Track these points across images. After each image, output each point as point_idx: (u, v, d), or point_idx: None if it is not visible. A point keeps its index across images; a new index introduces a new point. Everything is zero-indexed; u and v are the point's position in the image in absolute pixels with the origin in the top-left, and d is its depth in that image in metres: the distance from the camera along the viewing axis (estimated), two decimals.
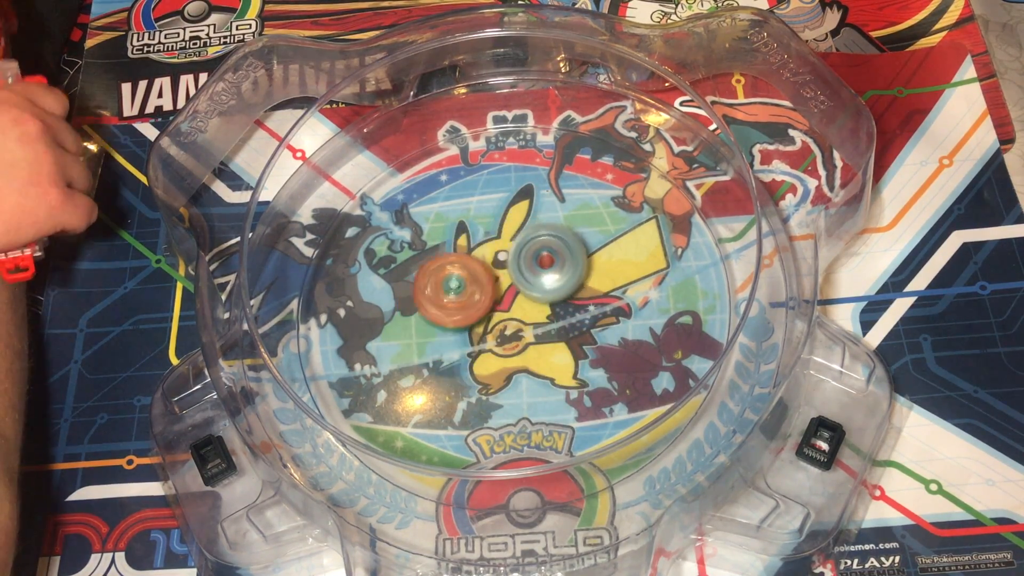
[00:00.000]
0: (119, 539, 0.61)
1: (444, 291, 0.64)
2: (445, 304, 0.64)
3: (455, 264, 0.65)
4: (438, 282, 0.64)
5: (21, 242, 0.60)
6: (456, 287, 0.64)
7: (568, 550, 0.59)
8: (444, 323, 0.64)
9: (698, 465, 0.61)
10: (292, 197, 0.72)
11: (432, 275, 0.65)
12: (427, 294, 0.64)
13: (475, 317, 0.64)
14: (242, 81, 0.72)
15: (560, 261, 0.65)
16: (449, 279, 0.64)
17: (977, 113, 0.71)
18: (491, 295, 0.65)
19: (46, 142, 0.60)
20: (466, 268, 0.65)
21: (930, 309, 0.64)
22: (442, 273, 0.65)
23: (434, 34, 0.71)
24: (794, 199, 0.69)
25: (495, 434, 0.63)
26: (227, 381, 0.63)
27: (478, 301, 0.64)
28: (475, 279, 0.65)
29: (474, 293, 0.64)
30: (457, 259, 0.65)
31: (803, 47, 0.69)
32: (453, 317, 0.64)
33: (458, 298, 0.64)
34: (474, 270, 0.65)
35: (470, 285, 0.64)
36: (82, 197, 0.63)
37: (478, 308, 0.64)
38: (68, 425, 0.65)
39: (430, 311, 0.64)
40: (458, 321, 0.64)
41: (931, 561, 0.57)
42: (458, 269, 0.65)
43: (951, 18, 0.76)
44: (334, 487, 0.62)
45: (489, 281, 0.65)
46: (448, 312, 0.64)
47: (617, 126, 0.73)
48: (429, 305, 0.64)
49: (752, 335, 0.64)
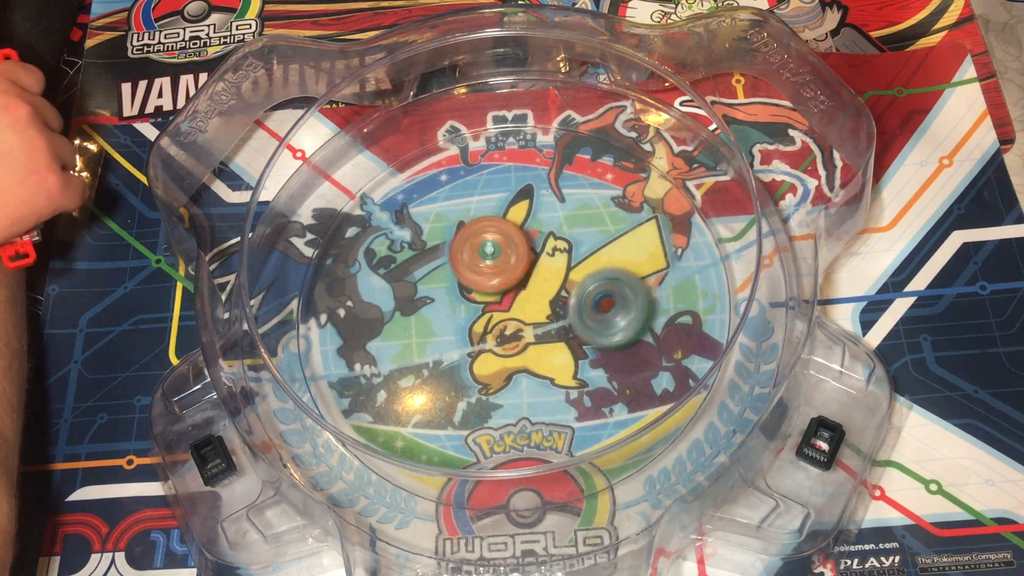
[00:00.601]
0: (119, 539, 0.61)
1: (480, 256, 0.65)
2: (482, 270, 0.65)
3: (491, 229, 0.65)
4: (475, 247, 0.65)
5: (23, 230, 0.60)
6: (492, 252, 0.65)
7: (568, 550, 0.59)
8: (484, 288, 0.65)
9: (698, 465, 0.61)
10: (292, 197, 0.72)
11: (470, 240, 0.65)
12: (464, 259, 0.65)
13: (514, 280, 0.65)
14: (242, 81, 0.72)
15: (621, 302, 0.64)
16: (485, 244, 0.65)
17: (977, 113, 0.71)
18: (527, 257, 0.65)
19: (37, 126, 0.60)
20: (501, 232, 0.65)
21: (930, 309, 0.64)
22: (479, 238, 0.65)
23: (434, 34, 0.71)
24: (794, 199, 0.69)
25: (495, 434, 0.63)
26: (227, 381, 0.63)
27: (514, 264, 0.65)
28: (510, 241, 0.65)
29: (510, 256, 0.65)
30: (492, 222, 0.66)
31: (803, 47, 0.69)
32: (491, 282, 0.65)
33: (495, 262, 0.65)
34: (508, 233, 0.65)
35: (505, 248, 0.65)
36: (75, 178, 0.63)
37: (515, 270, 0.65)
38: (68, 425, 0.65)
39: (467, 276, 0.65)
40: (496, 285, 0.65)
41: (931, 561, 0.57)
42: (493, 234, 0.65)
43: (951, 18, 0.76)
44: (334, 487, 0.62)
45: (523, 242, 0.65)
46: (485, 276, 0.65)
47: (617, 126, 0.73)
48: (467, 271, 0.65)
49: (752, 335, 0.64)
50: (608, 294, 0.64)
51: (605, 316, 0.64)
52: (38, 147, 0.59)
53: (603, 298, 0.64)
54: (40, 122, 0.60)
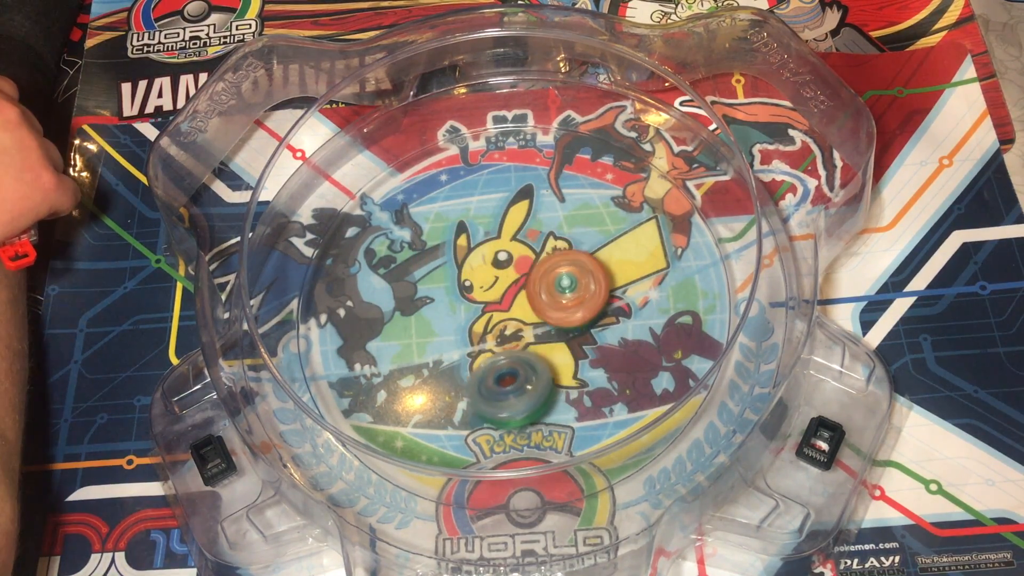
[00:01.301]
0: (119, 539, 0.61)
1: (558, 291, 0.64)
2: (564, 305, 0.63)
3: (562, 263, 0.64)
4: (550, 284, 0.64)
5: (20, 229, 0.61)
6: (569, 284, 0.64)
7: (568, 550, 0.59)
8: (570, 323, 0.64)
9: (698, 465, 0.61)
10: (292, 197, 0.72)
11: (543, 279, 0.64)
12: (544, 300, 0.63)
13: (598, 307, 0.64)
14: (242, 81, 0.72)
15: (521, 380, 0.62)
16: (560, 279, 0.64)
17: (977, 113, 0.71)
18: (605, 283, 0.64)
19: (27, 126, 0.60)
20: (574, 263, 0.64)
21: (930, 309, 0.64)
22: (552, 275, 0.64)
23: (434, 34, 0.71)
24: (794, 199, 0.69)
25: (495, 434, 0.63)
26: (227, 381, 0.63)
27: (595, 291, 0.63)
28: (584, 271, 0.64)
29: (588, 284, 0.64)
30: (562, 258, 0.65)
31: (803, 47, 0.69)
32: (575, 316, 0.63)
33: (575, 295, 0.64)
34: (581, 262, 0.64)
35: (582, 279, 0.64)
36: (67, 178, 0.63)
37: (597, 298, 0.63)
38: (68, 425, 0.65)
39: (552, 316, 0.63)
40: (580, 318, 0.63)
41: (931, 561, 0.57)
42: (566, 267, 0.64)
43: (951, 18, 0.76)
44: (334, 487, 0.62)
45: (599, 269, 0.64)
46: (569, 312, 0.63)
47: (617, 126, 0.73)
48: (550, 311, 0.63)
49: (752, 335, 0.64)
50: (512, 372, 0.62)
51: (502, 391, 0.62)
52: (30, 146, 0.60)
53: (506, 375, 0.62)
54: (29, 123, 0.61)
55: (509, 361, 0.63)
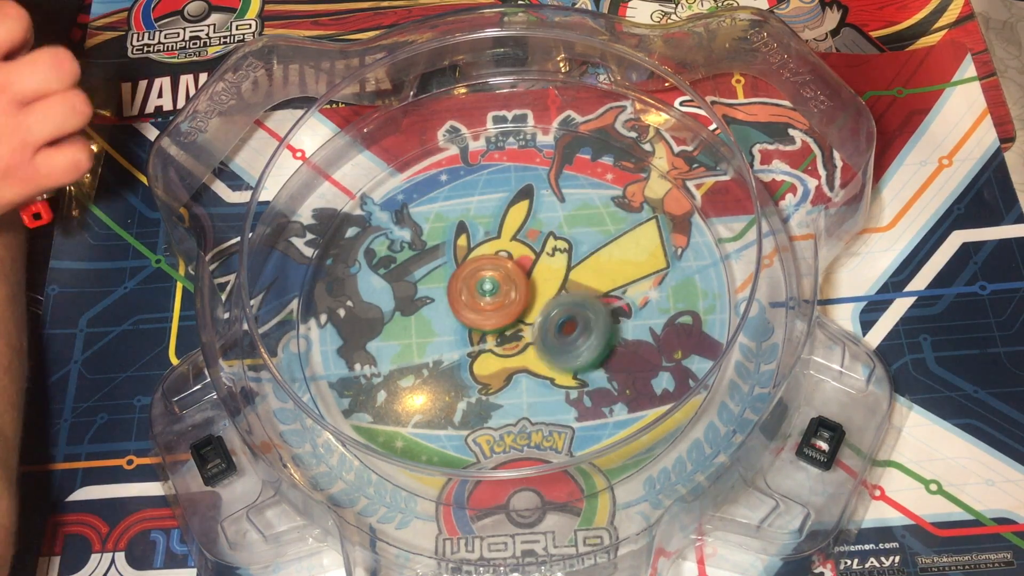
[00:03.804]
0: (119, 539, 0.61)
1: (479, 294, 0.64)
2: (482, 308, 0.64)
3: (487, 267, 0.65)
4: (472, 287, 0.64)
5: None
6: (490, 289, 0.64)
7: (568, 550, 0.59)
8: (483, 326, 0.65)
9: (698, 465, 0.61)
10: (292, 197, 0.72)
11: (466, 280, 0.65)
12: (463, 300, 0.64)
13: (514, 315, 0.64)
14: (242, 81, 0.72)
15: (583, 326, 0.63)
16: (483, 282, 0.64)
17: (977, 112, 0.71)
18: (526, 292, 0.64)
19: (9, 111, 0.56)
20: (499, 269, 0.65)
21: (930, 309, 0.64)
22: (475, 277, 0.65)
23: (434, 34, 0.71)
24: (794, 199, 0.69)
25: (495, 434, 0.63)
26: (227, 381, 0.63)
27: (514, 300, 0.64)
28: (509, 279, 0.65)
29: (509, 292, 0.64)
30: (488, 262, 0.66)
31: (803, 47, 0.69)
32: (490, 320, 0.64)
33: (494, 299, 0.64)
34: (507, 269, 0.65)
35: (504, 285, 0.64)
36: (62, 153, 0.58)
37: (515, 306, 0.64)
38: (68, 425, 0.65)
39: (467, 316, 0.64)
40: (495, 323, 0.64)
41: (931, 561, 0.57)
42: (491, 271, 0.65)
43: (951, 16, 0.76)
44: (334, 487, 0.62)
45: (522, 279, 0.65)
46: (485, 315, 0.64)
47: (617, 126, 0.73)
48: (466, 311, 0.64)
49: (752, 335, 0.64)
50: (570, 318, 0.63)
51: (567, 339, 0.63)
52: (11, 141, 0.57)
53: (566, 322, 0.63)
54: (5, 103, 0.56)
55: (561, 310, 0.64)
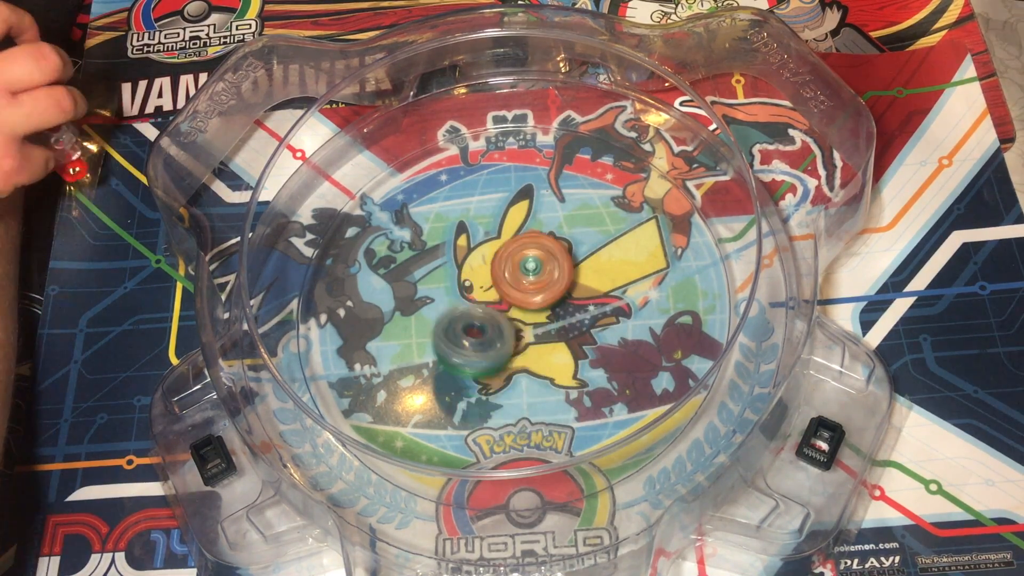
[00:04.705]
0: (119, 539, 0.61)
1: (523, 273, 0.64)
2: (526, 287, 0.64)
3: (530, 246, 0.64)
4: (515, 266, 0.64)
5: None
6: (534, 268, 0.64)
7: (568, 550, 0.59)
8: (528, 305, 0.64)
9: (698, 465, 0.61)
10: (292, 197, 0.72)
11: (509, 259, 0.64)
12: (507, 279, 0.64)
13: (559, 293, 0.64)
14: (242, 81, 0.72)
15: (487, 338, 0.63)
16: (526, 261, 0.64)
17: (977, 112, 0.71)
18: (569, 270, 0.64)
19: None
20: (541, 247, 0.64)
21: (930, 309, 0.64)
22: (518, 256, 0.64)
23: (434, 34, 0.71)
24: (794, 199, 0.69)
25: (495, 434, 0.63)
26: (227, 381, 0.63)
27: (558, 278, 0.64)
28: (552, 256, 0.64)
29: (553, 270, 0.64)
30: (530, 239, 0.65)
31: (803, 47, 0.69)
32: (535, 298, 0.64)
33: (538, 278, 0.64)
34: (549, 248, 0.64)
35: (547, 263, 0.64)
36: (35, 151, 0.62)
37: (560, 283, 0.64)
38: (68, 425, 0.65)
39: (512, 295, 0.64)
40: (542, 301, 0.64)
41: (931, 561, 0.57)
42: (534, 250, 0.64)
43: (951, 17, 0.76)
44: (334, 487, 0.62)
45: (565, 256, 0.64)
46: (530, 294, 0.64)
47: (617, 126, 0.73)
48: (510, 289, 0.64)
49: (752, 335, 0.64)
50: (481, 328, 0.63)
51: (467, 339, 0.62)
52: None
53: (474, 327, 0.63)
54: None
55: (483, 316, 0.63)
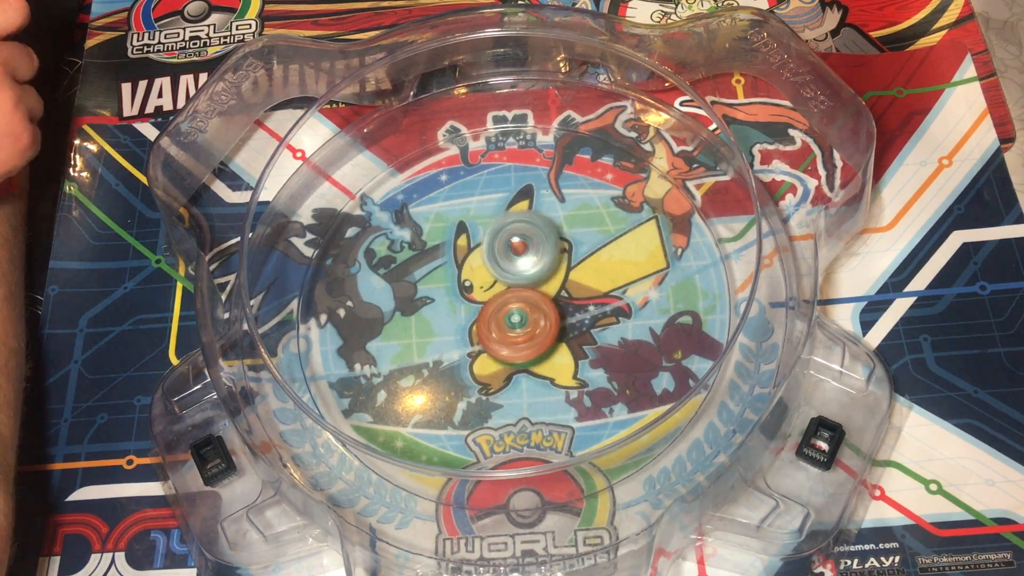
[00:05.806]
0: (119, 539, 0.61)
1: (508, 327, 0.63)
2: (513, 340, 0.63)
3: (512, 300, 0.64)
4: (500, 321, 0.63)
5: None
6: (519, 321, 0.63)
7: (568, 550, 0.59)
8: (518, 359, 0.63)
9: (698, 465, 0.61)
10: (292, 197, 0.72)
11: (493, 317, 0.64)
12: (494, 337, 0.63)
13: (547, 344, 0.63)
14: (242, 81, 0.72)
15: (533, 245, 0.65)
16: (511, 315, 0.63)
17: (977, 112, 0.71)
18: (555, 318, 0.63)
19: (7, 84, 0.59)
20: (525, 300, 0.64)
21: (930, 309, 0.64)
22: (502, 312, 0.64)
23: (434, 34, 0.71)
24: (794, 199, 0.69)
25: (495, 434, 0.63)
26: (227, 381, 0.63)
27: (544, 327, 0.63)
28: (536, 307, 0.64)
29: (539, 320, 0.63)
30: (512, 294, 0.64)
31: (803, 47, 0.69)
32: (523, 352, 0.63)
33: (524, 331, 0.63)
34: (532, 299, 0.64)
35: (532, 314, 0.63)
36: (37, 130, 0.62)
37: (547, 333, 0.63)
38: (68, 425, 0.65)
39: (501, 352, 0.63)
40: (529, 354, 0.63)
41: (931, 561, 0.57)
42: (517, 303, 0.64)
43: (951, 16, 0.76)
44: (334, 487, 0.62)
45: (550, 305, 0.64)
46: (519, 348, 0.63)
47: (617, 126, 0.73)
48: (499, 347, 0.63)
49: (752, 335, 0.64)
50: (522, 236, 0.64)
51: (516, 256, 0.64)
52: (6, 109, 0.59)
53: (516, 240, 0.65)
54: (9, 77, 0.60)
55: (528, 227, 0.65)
